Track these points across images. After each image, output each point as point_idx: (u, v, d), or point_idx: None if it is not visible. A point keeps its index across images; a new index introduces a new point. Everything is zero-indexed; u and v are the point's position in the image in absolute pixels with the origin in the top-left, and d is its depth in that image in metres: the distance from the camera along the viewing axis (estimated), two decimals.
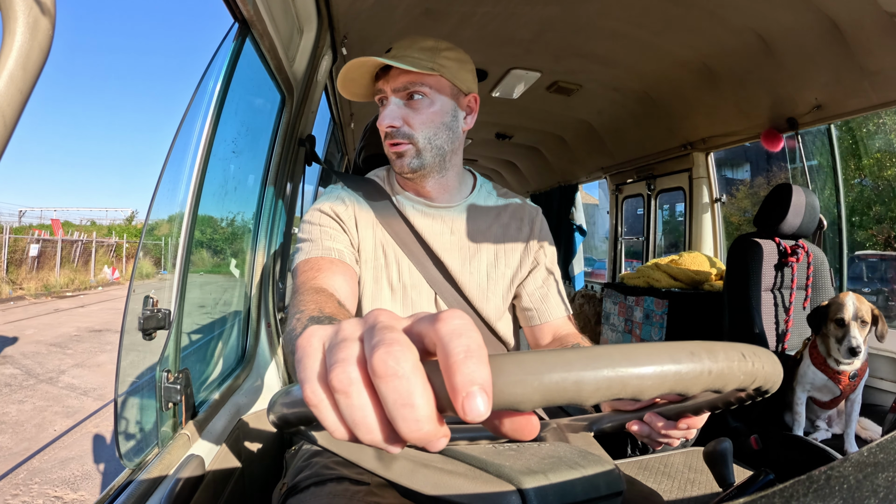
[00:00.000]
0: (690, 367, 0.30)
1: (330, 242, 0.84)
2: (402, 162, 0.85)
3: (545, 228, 1.01)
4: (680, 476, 0.85)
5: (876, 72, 1.61)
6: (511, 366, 0.26)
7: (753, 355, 0.35)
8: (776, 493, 0.24)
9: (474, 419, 0.24)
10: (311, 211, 0.90)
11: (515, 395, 0.26)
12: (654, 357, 0.29)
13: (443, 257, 0.91)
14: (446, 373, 0.24)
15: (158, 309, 0.84)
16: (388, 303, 0.89)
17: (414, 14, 1.82)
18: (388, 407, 0.25)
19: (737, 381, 0.33)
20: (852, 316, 1.43)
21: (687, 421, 0.53)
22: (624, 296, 2.71)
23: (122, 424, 0.87)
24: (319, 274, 0.76)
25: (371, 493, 0.67)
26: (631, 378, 0.28)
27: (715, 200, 2.81)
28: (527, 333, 0.99)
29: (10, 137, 0.29)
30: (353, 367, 0.26)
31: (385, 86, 0.83)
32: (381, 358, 0.25)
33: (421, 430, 0.25)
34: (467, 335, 0.25)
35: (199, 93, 0.93)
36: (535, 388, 0.26)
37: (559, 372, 0.26)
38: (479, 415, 0.24)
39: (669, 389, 0.30)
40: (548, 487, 0.42)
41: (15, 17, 0.27)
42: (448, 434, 0.27)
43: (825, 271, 1.91)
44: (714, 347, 0.33)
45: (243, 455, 1.00)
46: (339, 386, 0.26)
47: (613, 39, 2.03)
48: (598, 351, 0.28)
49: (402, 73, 0.82)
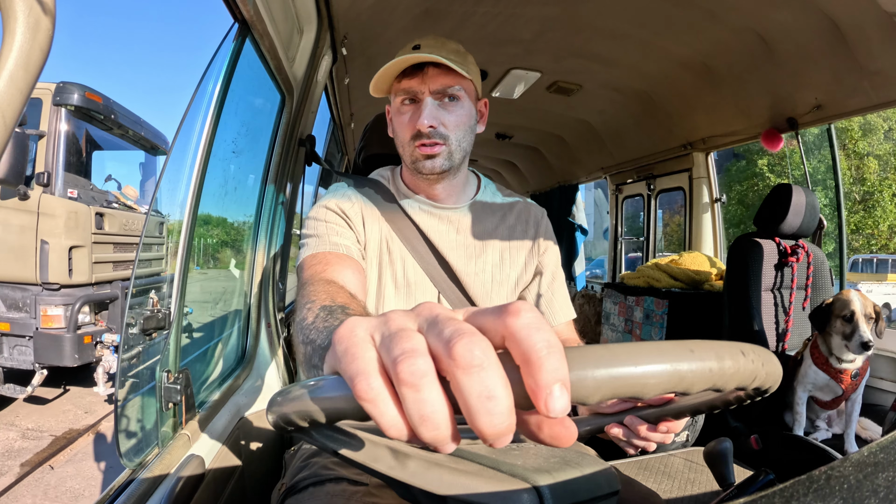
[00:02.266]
0: (728, 364, 0.31)
1: (337, 238, 0.83)
2: (434, 163, 0.84)
3: (550, 230, 1.01)
4: (680, 476, 0.85)
5: (876, 72, 1.61)
6: (579, 360, 0.26)
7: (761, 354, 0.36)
8: (776, 493, 0.24)
9: (557, 415, 0.23)
10: (317, 207, 0.89)
11: (586, 389, 0.26)
12: (702, 354, 0.29)
13: (448, 256, 0.91)
14: (528, 368, 0.24)
15: (158, 309, 0.84)
16: (391, 300, 0.89)
17: (414, 14, 1.82)
18: (470, 400, 0.23)
19: (759, 379, 0.34)
20: (861, 311, 1.44)
21: (667, 424, 0.52)
22: (624, 296, 2.71)
23: (123, 424, 0.87)
24: (328, 267, 0.75)
25: (369, 494, 0.67)
26: (686, 373, 0.28)
27: (715, 200, 2.81)
28: None
29: (10, 137, 0.29)
30: (424, 358, 0.24)
31: (420, 85, 0.82)
32: (465, 348, 0.24)
33: (502, 424, 0.24)
34: (545, 329, 0.25)
35: (199, 93, 0.93)
36: (602, 382, 0.26)
37: (626, 366, 0.26)
38: (562, 411, 0.23)
39: (711, 385, 0.30)
40: (558, 485, 0.43)
41: (15, 17, 0.27)
42: (457, 438, 0.26)
43: (825, 271, 1.91)
44: (744, 347, 0.34)
45: (243, 455, 1.01)
46: (410, 379, 0.24)
47: (613, 39, 2.03)
48: (655, 346, 0.28)
49: (441, 74, 0.82)
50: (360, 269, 0.81)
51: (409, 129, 0.84)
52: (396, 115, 0.86)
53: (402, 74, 0.83)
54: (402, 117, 0.85)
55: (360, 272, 0.81)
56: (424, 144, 0.83)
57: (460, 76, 0.82)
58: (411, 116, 0.83)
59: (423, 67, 0.81)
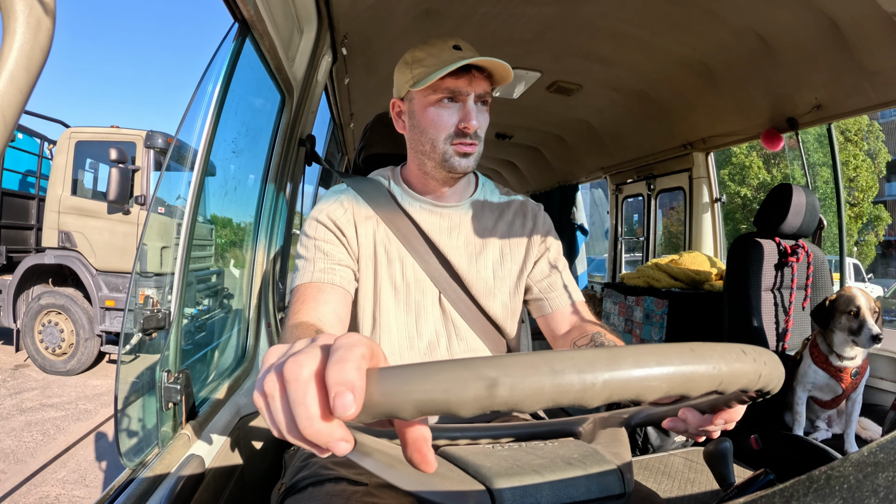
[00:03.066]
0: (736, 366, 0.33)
1: (323, 263, 0.84)
2: (469, 162, 0.86)
3: (548, 223, 1.02)
4: (680, 476, 0.85)
5: (876, 72, 1.61)
6: (393, 377, 0.30)
7: (755, 353, 0.35)
8: (776, 493, 0.24)
9: (342, 415, 0.29)
10: (309, 220, 0.90)
11: (392, 405, 0.30)
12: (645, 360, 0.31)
13: (449, 255, 0.90)
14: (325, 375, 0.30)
15: (158, 309, 0.84)
16: (390, 302, 0.88)
17: (414, 14, 1.82)
18: (290, 407, 0.31)
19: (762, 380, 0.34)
20: (866, 306, 1.45)
21: (723, 416, 0.51)
22: (624, 296, 2.71)
23: (123, 424, 0.87)
24: (304, 306, 0.78)
25: (369, 494, 0.67)
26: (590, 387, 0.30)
27: (715, 200, 2.80)
28: (541, 326, 0.98)
29: (10, 137, 0.29)
30: (278, 376, 0.33)
31: (468, 87, 0.83)
32: (287, 366, 0.32)
33: (312, 427, 0.30)
34: (348, 347, 0.31)
35: (199, 93, 0.93)
36: (409, 399, 0.30)
37: (435, 384, 0.30)
38: (346, 411, 0.29)
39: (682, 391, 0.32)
40: (525, 488, 0.42)
41: (16, 17, 0.27)
42: (349, 439, 0.32)
43: (825, 271, 1.91)
44: (745, 348, 0.34)
45: (243, 455, 1.01)
46: (268, 391, 0.33)
47: (613, 39, 2.03)
48: (468, 363, 0.31)
49: (484, 79, 0.84)
50: (340, 295, 0.83)
51: (449, 127, 0.84)
52: (428, 111, 0.85)
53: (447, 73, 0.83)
54: (438, 113, 0.84)
55: (341, 299, 0.83)
56: (465, 143, 0.84)
57: (491, 84, 0.86)
58: (454, 115, 0.84)
59: (469, 70, 0.83)
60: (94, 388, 4.68)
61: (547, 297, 0.95)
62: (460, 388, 0.29)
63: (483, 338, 0.92)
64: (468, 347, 0.91)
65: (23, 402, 4.16)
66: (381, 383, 0.30)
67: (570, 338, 0.88)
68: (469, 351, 0.91)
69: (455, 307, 0.91)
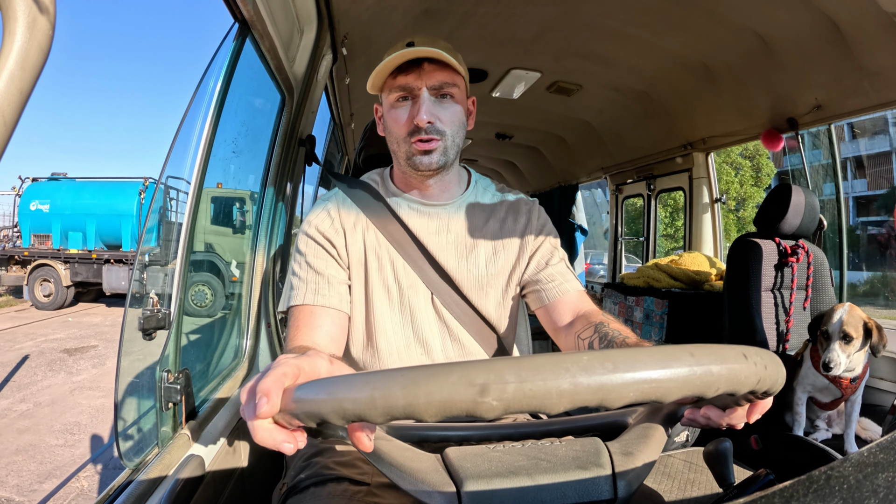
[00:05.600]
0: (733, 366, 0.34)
1: (315, 284, 0.85)
2: (431, 159, 0.84)
3: (543, 217, 0.99)
4: (680, 476, 0.85)
5: (876, 72, 1.61)
6: (305, 390, 0.39)
7: (757, 356, 0.35)
8: (776, 493, 0.24)
9: (261, 415, 0.40)
10: (300, 234, 0.91)
11: (303, 410, 0.38)
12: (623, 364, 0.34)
13: (438, 256, 0.90)
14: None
15: (158, 309, 0.84)
16: (384, 305, 0.88)
17: (414, 14, 1.83)
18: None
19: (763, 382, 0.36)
20: (836, 331, 1.40)
21: (743, 410, 0.50)
22: (624, 296, 2.71)
23: (122, 424, 0.87)
24: (299, 332, 0.81)
25: (371, 494, 0.67)
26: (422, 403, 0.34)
27: (715, 200, 2.80)
28: (542, 320, 0.94)
29: (10, 137, 0.29)
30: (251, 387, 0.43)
31: (417, 81, 0.82)
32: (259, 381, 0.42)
33: (253, 425, 0.41)
34: (274, 367, 0.43)
35: (199, 93, 0.93)
36: (330, 404, 0.36)
37: (328, 395, 0.37)
38: (260, 410, 0.39)
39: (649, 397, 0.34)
40: (494, 492, 0.43)
41: (14, 17, 0.27)
42: (292, 441, 0.41)
43: (825, 271, 1.91)
44: (747, 350, 0.35)
45: (243, 455, 1.01)
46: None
47: (613, 39, 2.03)
48: (385, 374, 0.36)
49: (438, 70, 0.82)
50: (334, 316, 0.85)
51: (406, 126, 0.83)
52: (390, 112, 0.85)
53: (396, 70, 0.83)
54: (396, 113, 0.84)
55: (335, 319, 0.85)
56: (422, 140, 0.82)
57: (454, 73, 0.83)
58: (407, 112, 0.83)
59: (419, 64, 0.81)
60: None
61: (544, 287, 0.92)
62: (365, 399, 0.35)
63: (477, 338, 0.92)
64: (462, 348, 0.91)
65: None
66: (295, 393, 0.39)
67: (573, 330, 0.84)
68: (462, 352, 0.91)
69: (448, 308, 0.90)
